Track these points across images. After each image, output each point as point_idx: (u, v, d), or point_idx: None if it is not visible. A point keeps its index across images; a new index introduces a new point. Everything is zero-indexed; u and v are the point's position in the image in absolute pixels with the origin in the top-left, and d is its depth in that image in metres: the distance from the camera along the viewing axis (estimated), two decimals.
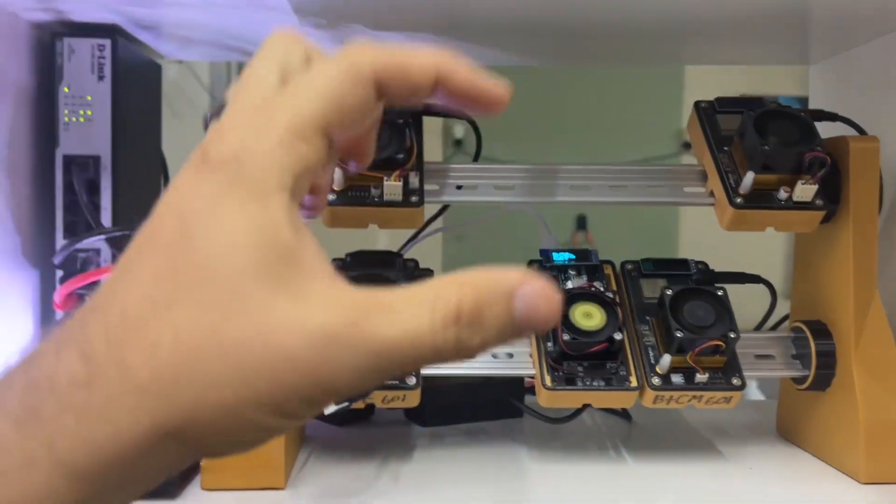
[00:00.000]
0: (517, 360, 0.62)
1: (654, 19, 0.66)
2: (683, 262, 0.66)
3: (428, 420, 0.73)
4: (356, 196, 0.58)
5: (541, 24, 0.68)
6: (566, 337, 0.58)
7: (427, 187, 0.61)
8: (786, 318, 0.72)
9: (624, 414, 0.75)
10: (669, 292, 0.60)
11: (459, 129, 2.78)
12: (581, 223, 2.81)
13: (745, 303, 0.69)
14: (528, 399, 0.72)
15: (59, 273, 0.65)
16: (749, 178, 0.58)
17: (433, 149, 2.77)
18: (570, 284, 0.63)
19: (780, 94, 3.02)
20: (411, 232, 0.69)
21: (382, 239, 0.75)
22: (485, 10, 0.64)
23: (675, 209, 2.67)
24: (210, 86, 2.81)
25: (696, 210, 0.66)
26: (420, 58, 0.27)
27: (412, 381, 0.58)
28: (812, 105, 0.81)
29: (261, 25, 0.66)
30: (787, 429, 0.69)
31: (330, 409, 0.50)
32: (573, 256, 0.64)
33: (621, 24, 0.68)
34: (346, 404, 0.51)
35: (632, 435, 0.71)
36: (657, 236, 2.81)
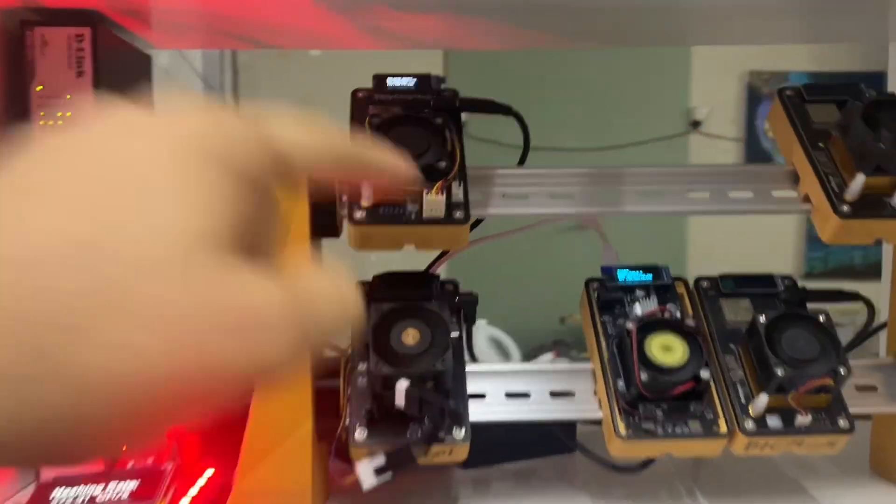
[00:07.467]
0: (579, 401, 0.53)
1: None
2: (769, 279, 0.56)
3: (468, 461, 0.63)
4: (389, 213, 0.49)
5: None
6: (644, 376, 0.48)
7: (470, 198, 0.52)
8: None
9: None
10: (763, 319, 0.51)
11: None
12: None
13: None
14: (580, 433, 0.63)
15: None
16: (859, 181, 0.49)
17: None
18: (638, 309, 0.53)
19: (790, 70, 2.91)
20: None
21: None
22: None
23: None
24: (203, 73, 2.70)
25: None
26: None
27: (460, 433, 0.48)
28: (892, 85, 0.72)
29: (265, 9, 0.56)
30: (885, 466, 0.60)
31: (370, 481, 0.41)
32: (642, 275, 0.55)
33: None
34: (388, 474, 0.42)
35: (702, 474, 0.62)
36: (665, 228, 2.66)
